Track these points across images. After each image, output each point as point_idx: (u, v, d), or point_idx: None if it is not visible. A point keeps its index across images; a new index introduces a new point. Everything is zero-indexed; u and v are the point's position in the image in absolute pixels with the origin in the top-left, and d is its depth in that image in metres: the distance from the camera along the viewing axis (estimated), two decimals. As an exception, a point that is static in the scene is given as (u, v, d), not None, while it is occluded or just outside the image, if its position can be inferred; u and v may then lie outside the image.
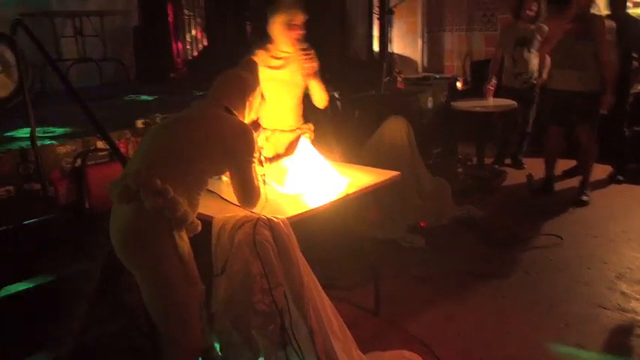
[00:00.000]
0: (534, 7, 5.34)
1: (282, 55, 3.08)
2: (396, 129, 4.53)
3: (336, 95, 5.02)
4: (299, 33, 3.03)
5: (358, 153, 4.32)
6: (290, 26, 2.98)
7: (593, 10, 4.66)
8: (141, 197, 1.96)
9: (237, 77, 2.44)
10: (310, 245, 2.40)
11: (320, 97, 3.21)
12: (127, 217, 2.02)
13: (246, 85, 2.40)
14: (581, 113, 4.64)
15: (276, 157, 3.05)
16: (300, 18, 3.00)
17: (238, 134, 2.23)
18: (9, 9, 5.23)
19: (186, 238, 2.10)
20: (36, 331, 2.54)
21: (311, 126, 3.19)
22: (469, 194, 4.98)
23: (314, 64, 3.14)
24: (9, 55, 4.20)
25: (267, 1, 3.19)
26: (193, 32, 7.31)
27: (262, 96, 2.51)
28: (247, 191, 2.27)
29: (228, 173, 2.31)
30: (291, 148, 3.06)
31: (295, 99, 3.17)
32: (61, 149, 3.26)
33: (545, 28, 5.42)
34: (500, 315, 3.14)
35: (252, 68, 2.58)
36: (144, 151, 2.17)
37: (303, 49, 3.11)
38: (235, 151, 2.21)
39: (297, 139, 3.03)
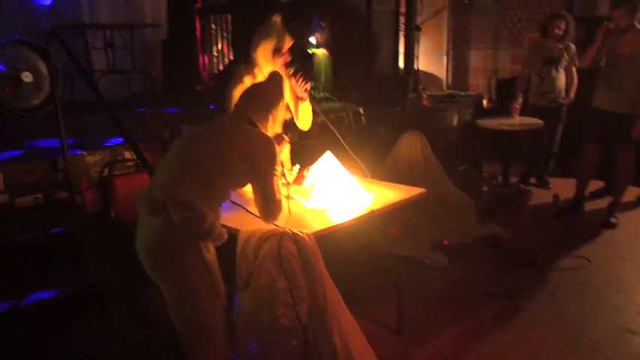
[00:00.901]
0: (562, 26, 5.30)
1: None
2: (410, 144, 4.49)
3: (361, 111, 5.03)
4: (286, 59, 2.97)
5: (379, 169, 4.30)
6: (278, 53, 2.93)
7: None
8: (168, 210, 1.97)
9: (262, 90, 2.46)
10: (332, 260, 2.38)
11: (306, 120, 3.12)
12: (154, 229, 2.03)
13: (270, 98, 2.41)
14: (623, 135, 4.49)
15: None
16: (287, 44, 2.94)
17: (261, 147, 2.23)
18: (43, 21, 5.37)
19: (212, 249, 2.10)
20: (60, 338, 2.55)
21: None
22: (494, 213, 4.91)
23: (307, 86, 3.03)
24: (42, 66, 4.29)
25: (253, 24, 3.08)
26: (220, 46, 7.40)
27: (287, 109, 2.52)
28: (269, 204, 2.26)
29: (250, 186, 2.30)
30: None
31: None
32: (90, 159, 3.31)
33: (573, 47, 5.37)
34: (525, 338, 3.07)
35: (277, 81, 2.58)
36: (169, 164, 2.19)
37: (293, 74, 3.01)
38: (258, 163, 2.21)
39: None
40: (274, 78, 2.65)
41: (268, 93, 2.43)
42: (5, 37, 4.43)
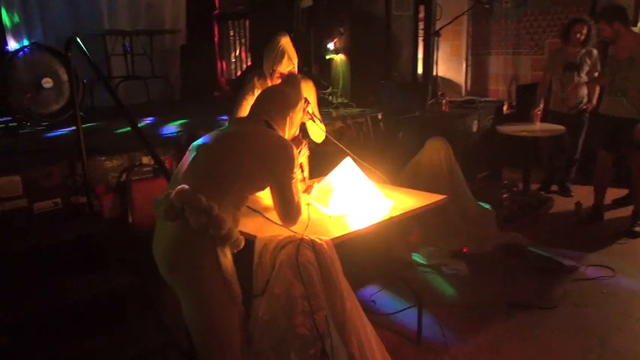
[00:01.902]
0: (584, 31, 5.22)
1: None
2: (434, 151, 4.44)
3: (379, 117, 4.99)
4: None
5: (399, 175, 4.25)
6: (273, 74, 2.90)
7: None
8: (186, 215, 1.95)
9: (279, 92, 2.43)
10: (350, 267, 2.34)
11: (318, 134, 3.06)
12: (171, 234, 2.02)
13: (287, 100, 2.38)
14: (630, 139, 4.46)
15: None
16: (286, 67, 2.89)
17: (277, 149, 2.20)
18: (64, 28, 5.42)
19: (229, 255, 2.08)
20: (77, 345, 2.54)
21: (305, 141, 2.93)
22: (514, 221, 4.83)
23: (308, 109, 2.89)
24: (62, 72, 4.32)
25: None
26: (237, 52, 7.43)
27: (304, 111, 2.48)
28: (288, 208, 2.23)
29: (269, 190, 2.27)
30: None
31: None
32: (108, 164, 3.32)
33: (595, 52, 5.29)
34: (547, 349, 3.00)
35: (294, 84, 2.55)
36: (187, 169, 2.16)
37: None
38: (274, 166, 2.17)
39: None
40: (292, 80, 2.62)
41: (285, 95, 2.40)
42: (27, 43, 4.48)
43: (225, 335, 2.07)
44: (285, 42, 2.90)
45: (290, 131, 2.41)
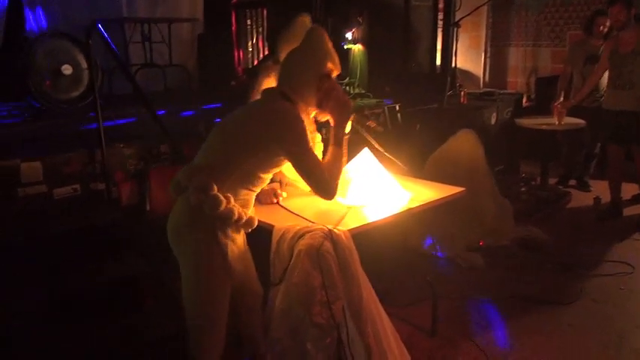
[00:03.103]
0: (607, 23, 5.12)
1: None
2: (463, 143, 4.40)
3: (397, 108, 4.96)
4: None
5: (420, 166, 4.21)
6: None
7: None
8: (188, 192, 1.99)
9: (295, 53, 2.20)
10: (367, 258, 2.33)
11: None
12: (178, 208, 2.07)
13: (304, 60, 2.16)
14: (636, 133, 4.43)
15: None
16: None
17: (280, 118, 2.06)
18: (83, 15, 5.43)
19: (239, 237, 2.09)
20: (94, 330, 2.57)
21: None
22: (531, 215, 4.79)
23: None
24: (81, 59, 4.35)
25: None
26: (255, 41, 7.41)
27: (330, 74, 2.19)
28: (312, 181, 2.12)
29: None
30: None
31: None
32: (126, 151, 3.33)
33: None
34: (565, 345, 2.97)
35: (313, 39, 2.19)
36: (202, 146, 2.17)
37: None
38: (280, 138, 2.05)
39: None
40: (311, 35, 2.21)
41: (302, 54, 2.16)
42: (47, 29, 4.50)
43: (214, 312, 2.07)
44: (304, 22, 2.77)
45: (318, 99, 2.16)
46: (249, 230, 2.14)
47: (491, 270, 3.86)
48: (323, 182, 2.13)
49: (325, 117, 2.27)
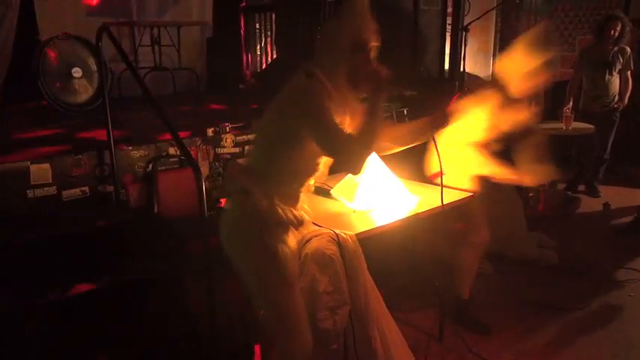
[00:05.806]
0: (618, 28, 5.09)
1: None
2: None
3: (405, 112, 4.95)
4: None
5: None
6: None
7: None
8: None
9: (326, 28, 2.07)
10: (373, 263, 2.33)
11: None
12: (230, 217, 2.06)
13: (333, 35, 1.93)
14: None
15: None
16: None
17: (291, 97, 1.92)
18: (93, 19, 5.47)
19: (292, 239, 2.06)
20: (101, 331, 2.58)
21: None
22: (540, 220, 4.75)
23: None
24: (91, 62, 4.38)
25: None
26: (263, 45, 7.43)
27: (372, 52, 1.99)
28: (339, 150, 1.91)
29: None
30: None
31: None
32: (135, 153, 3.35)
33: (628, 50, 5.16)
34: (573, 352, 2.95)
35: (350, 4, 1.97)
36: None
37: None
38: (296, 115, 1.88)
39: None
40: (345, 7, 2.00)
41: (331, 29, 1.98)
42: (57, 33, 4.54)
43: (283, 311, 2.02)
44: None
45: (348, 75, 1.95)
46: (298, 229, 2.09)
47: (500, 275, 3.83)
48: (349, 153, 1.90)
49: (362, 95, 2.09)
